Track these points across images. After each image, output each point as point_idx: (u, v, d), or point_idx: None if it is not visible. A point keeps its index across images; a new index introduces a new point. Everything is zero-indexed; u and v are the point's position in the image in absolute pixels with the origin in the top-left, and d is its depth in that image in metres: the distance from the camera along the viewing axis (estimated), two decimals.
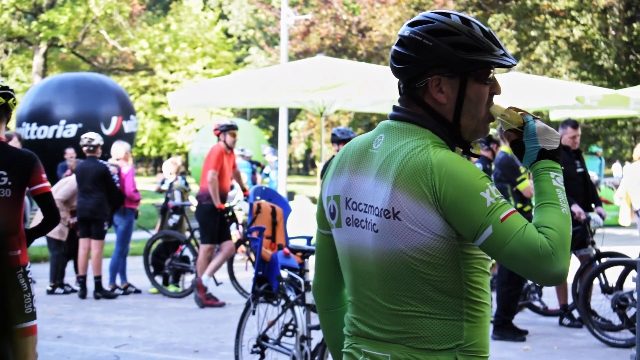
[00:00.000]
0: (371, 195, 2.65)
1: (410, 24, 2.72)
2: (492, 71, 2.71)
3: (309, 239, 7.61)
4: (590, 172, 10.78)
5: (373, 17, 31.89)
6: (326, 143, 19.65)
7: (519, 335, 9.57)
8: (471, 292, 2.60)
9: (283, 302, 7.37)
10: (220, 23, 50.99)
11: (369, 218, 2.64)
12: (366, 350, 2.70)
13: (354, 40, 32.65)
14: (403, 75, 2.71)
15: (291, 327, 7.26)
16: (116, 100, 23.09)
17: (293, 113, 42.47)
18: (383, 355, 2.65)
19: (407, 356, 2.60)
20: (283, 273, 7.40)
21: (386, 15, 31.20)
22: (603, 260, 9.77)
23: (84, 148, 12.34)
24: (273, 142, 42.76)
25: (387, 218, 2.58)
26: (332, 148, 11.36)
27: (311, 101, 14.13)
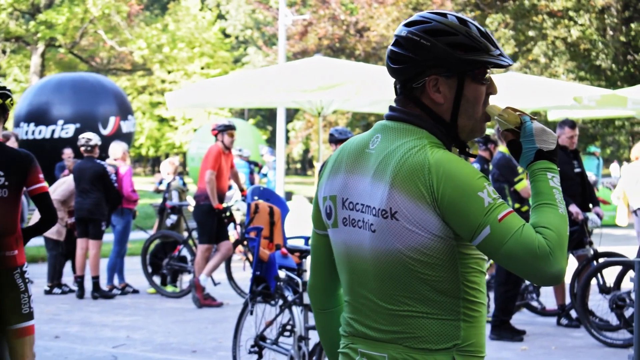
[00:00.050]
0: (368, 195, 2.64)
1: (406, 24, 2.71)
2: (489, 71, 2.71)
3: (307, 239, 7.61)
4: (587, 173, 10.78)
5: (371, 17, 31.90)
6: (324, 143, 19.66)
7: (517, 335, 9.58)
8: (468, 292, 2.61)
9: (281, 302, 7.37)
10: (218, 23, 50.97)
11: (366, 218, 2.64)
12: (363, 350, 2.69)
13: (352, 40, 32.67)
14: (400, 75, 2.71)
15: (289, 327, 7.26)
16: (114, 100, 23.08)
17: (291, 113, 42.46)
18: (380, 355, 2.64)
19: (405, 356, 2.60)
20: (281, 273, 7.40)
21: (384, 15, 31.22)
22: (601, 260, 9.78)
23: (82, 148, 12.33)
24: (271, 142, 42.75)
25: (385, 218, 2.58)
26: (330, 148, 11.36)
27: (309, 101, 14.12)
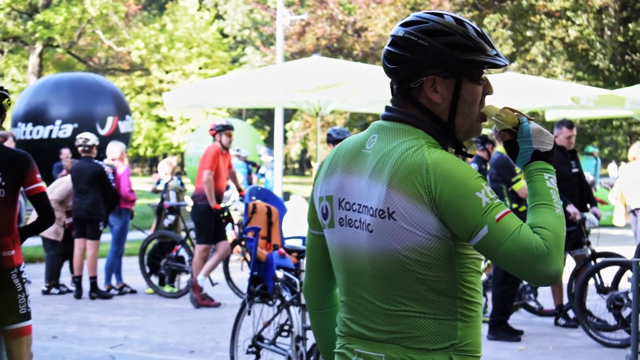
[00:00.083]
0: (365, 195, 2.64)
1: (403, 24, 2.71)
2: (485, 71, 2.71)
3: (305, 239, 7.61)
4: (585, 173, 10.78)
5: (369, 17, 31.90)
6: (322, 143, 19.66)
7: (515, 335, 9.58)
8: (465, 292, 2.60)
9: (278, 303, 7.37)
10: (216, 23, 50.98)
11: (363, 218, 2.63)
12: (359, 350, 2.69)
13: (350, 40, 32.67)
14: (397, 75, 2.70)
15: (287, 328, 7.26)
16: (112, 100, 23.05)
17: (289, 113, 42.49)
18: (377, 355, 2.64)
19: (402, 356, 2.59)
20: (278, 273, 7.40)
21: (382, 15, 31.23)
22: (598, 260, 9.79)
23: (79, 148, 12.32)
24: (269, 142, 42.74)
25: (382, 218, 2.57)
26: (328, 148, 11.37)
27: (307, 101, 14.11)
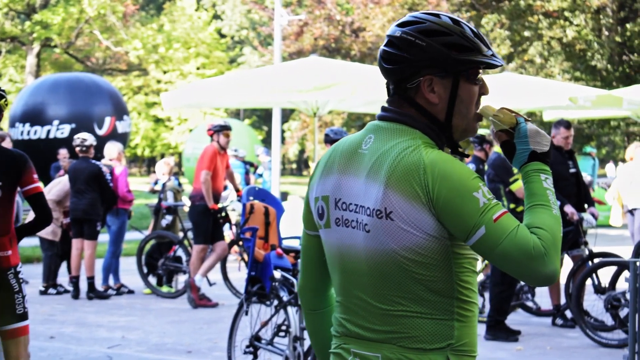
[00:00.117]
0: (362, 195, 2.64)
1: (399, 25, 2.71)
2: (481, 72, 2.71)
3: None
4: (582, 173, 10.79)
5: (366, 18, 31.90)
6: (319, 143, 19.66)
7: (512, 335, 9.58)
8: (461, 292, 2.61)
9: (276, 303, 7.37)
10: (213, 23, 50.99)
11: (360, 218, 2.63)
12: (356, 350, 2.69)
13: (348, 40, 32.66)
14: (394, 75, 2.70)
15: (284, 328, 7.26)
16: (109, 100, 23.06)
17: (286, 113, 42.46)
18: (374, 355, 2.64)
19: (399, 356, 2.59)
20: (276, 273, 7.40)
21: (379, 15, 31.21)
22: (596, 260, 9.79)
23: (77, 148, 12.31)
24: (266, 143, 42.77)
25: (380, 218, 2.57)
26: (326, 148, 11.36)
27: (305, 101, 14.11)
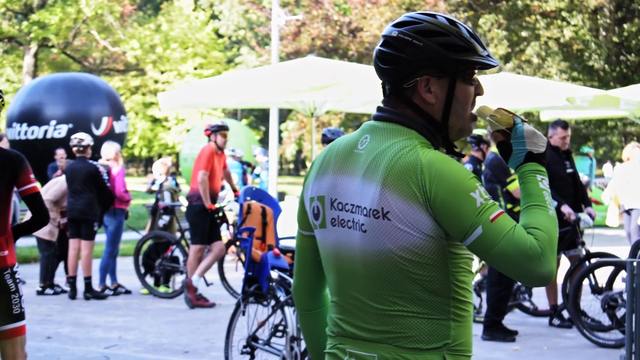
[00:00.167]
0: (358, 195, 2.63)
1: (396, 25, 2.71)
2: (476, 72, 2.72)
3: None
4: (580, 173, 10.79)
5: (364, 18, 31.90)
6: (317, 143, 19.64)
7: (509, 335, 9.58)
8: (458, 292, 2.61)
9: (273, 303, 7.37)
10: (211, 23, 50.96)
11: (356, 218, 2.63)
12: (351, 350, 2.68)
13: (345, 40, 32.67)
14: (390, 75, 2.70)
15: (281, 328, 7.27)
16: (107, 100, 23.02)
17: (284, 113, 42.47)
18: (370, 355, 2.64)
19: (395, 356, 2.59)
20: (273, 274, 7.40)
21: (377, 15, 31.23)
22: (593, 260, 9.79)
23: (74, 148, 12.30)
24: (264, 143, 42.75)
25: (376, 218, 2.57)
26: (323, 148, 11.34)
27: (302, 101, 14.10)
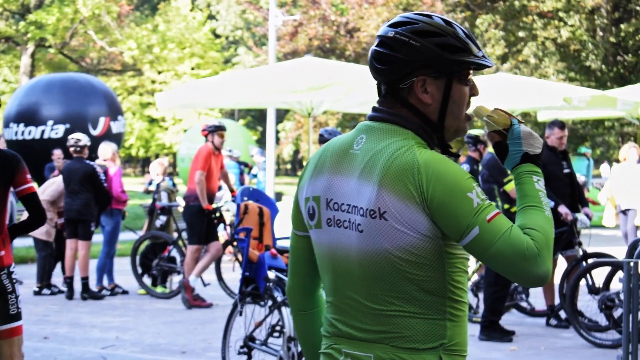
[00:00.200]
0: (355, 195, 2.63)
1: (392, 25, 2.71)
2: (471, 73, 2.72)
3: None
4: (577, 173, 10.80)
5: (361, 18, 31.90)
6: (314, 144, 19.66)
7: (506, 335, 9.59)
8: (453, 292, 2.61)
9: (270, 303, 7.37)
10: (208, 23, 50.97)
11: (353, 218, 2.63)
12: (347, 350, 2.68)
13: (342, 40, 32.67)
14: (386, 76, 2.70)
15: (278, 328, 7.26)
16: (104, 100, 23.01)
17: (281, 114, 42.47)
18: (366, 355, 2.63)
19: (392, 356, 2.59)
20: (270, 274, 7.40)
21: (374, 16, 31.23)
22: (590, 261, 9.80)
23: (71, 149, 12.29)
24: (261, 143, 42.71)
25: (373, 218, 2.57)
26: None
27: (299, 102, 14.09)
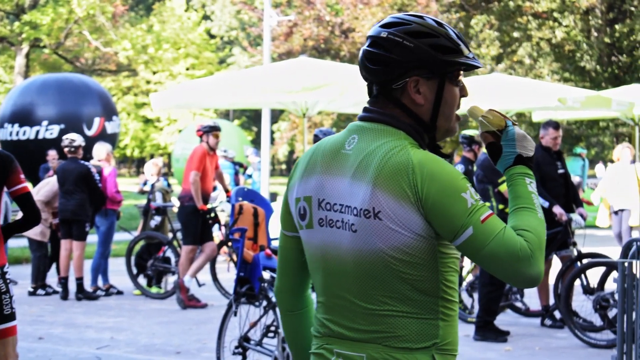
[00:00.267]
0: (347, 195, 2.63)
1: (384, 26, 2.70)
2: (461, 74, 2.73)
3: None
4: (572, 174, 10.81)
5: (356, 18, 31.90)
6: (309, 144, 19.64)
7: (501, 336, 9.59)
8: (446, 291, 2.62)
9: (265, 303, 7.37)
10: (203, 24, 50.94)
11: (346, 218, 2.63)
12: (339, 350, 2.68)
13: (337, 41, 32.67)
14: (378, 76, 2.69)
15: (273, 328, 7.27)
16: (99, 101, 22.97)
17: (276, 114, 42.47)
18: (358, 355, 2.63)
19: (385, 356, 2.59)
20: (265, 274, 7.40)
21: (369, 16, 31.22)
22: (584, 261, 9.81)
23: (65, 149, 12.28)
24: (256, 143, 42.75)
25: (367, 218, 2.57)
26: None
27: (294, 102, 14.08)
